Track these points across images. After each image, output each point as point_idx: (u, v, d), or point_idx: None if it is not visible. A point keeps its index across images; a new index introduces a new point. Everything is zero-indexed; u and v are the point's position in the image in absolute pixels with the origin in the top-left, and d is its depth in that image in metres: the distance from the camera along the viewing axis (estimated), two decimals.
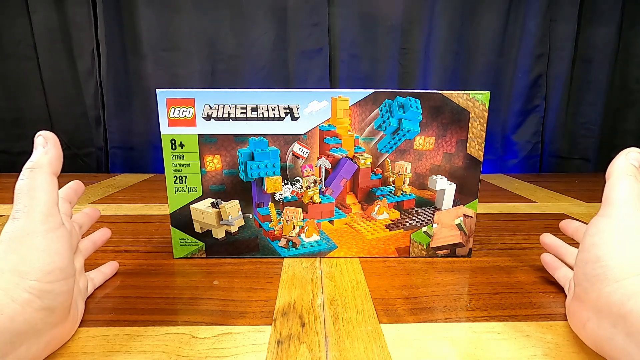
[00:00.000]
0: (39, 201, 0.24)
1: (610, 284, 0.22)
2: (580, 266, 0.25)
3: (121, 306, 0.32)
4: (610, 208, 0.25)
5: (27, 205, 0.24)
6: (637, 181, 0.26)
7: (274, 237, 0.42)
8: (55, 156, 0.26)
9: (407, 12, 0.94)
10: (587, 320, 0.24)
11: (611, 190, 0.26)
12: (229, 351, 0.26)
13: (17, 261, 0.23)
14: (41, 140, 0.26)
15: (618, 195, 0.25)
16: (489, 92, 0.39)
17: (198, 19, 0.93)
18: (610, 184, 0.26)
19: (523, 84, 0.98)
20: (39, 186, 0.24)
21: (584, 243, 0.26)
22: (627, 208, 0.24)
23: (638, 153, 0.27)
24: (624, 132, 1.02)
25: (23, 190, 0.24)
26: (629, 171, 0.26)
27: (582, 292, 0.25)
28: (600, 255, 0.24)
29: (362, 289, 0.35)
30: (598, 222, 0.25)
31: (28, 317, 0.22)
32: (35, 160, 0.25)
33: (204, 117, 0.38)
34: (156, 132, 0.42)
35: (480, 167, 0.41)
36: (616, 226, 0.24)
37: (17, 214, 0.24)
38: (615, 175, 0.26)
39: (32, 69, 0.94)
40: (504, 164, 1.04)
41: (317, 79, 0.97)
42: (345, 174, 0.41)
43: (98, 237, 0.37)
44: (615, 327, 0.22)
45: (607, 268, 0.23)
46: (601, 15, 0.95)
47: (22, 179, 0.25)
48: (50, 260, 0.23)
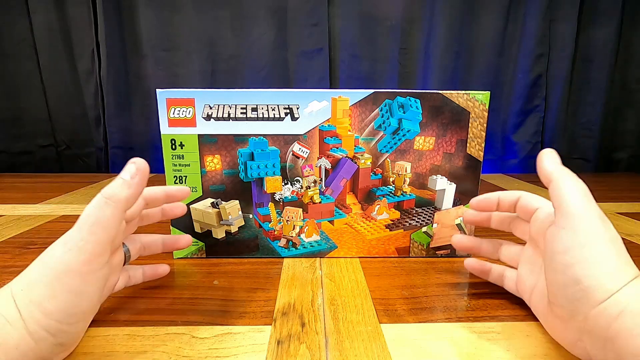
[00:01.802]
0: (96, 238, 0.23)
1: (595, 306, 0.22)
2: (557, 288, 0.24)
3: (121, 306, 0.32)
4: (571, 219, 0.24)
5: (82, 240, 0.23)
6: (578, 178, 0.25)
7: (274, 237, 0.42)
8: (137, 193, 0.25)
9: (407, 12, 0.94)
10: (577, 340, 0.24)
11: (562, 196, 0.25)
12: (229, 351, 0.26)
13: (46, 296, 0.22)
14: (131, 169, 0.25)
15: (573, 203, 0.24)
16: (489, 92, 0.39)
17: (198, 19, 0.93)
18: (557, 188, 0.25)
19: (523, 84, 0.98)
20: (103, 222, 0.23)
21: (554, 262, 0.24)
22: (587, 218, 0.24)
23: (551, 152, 0.28)
24: (624, 132, 1.02)
25: (87, 222, 0.23)
26: (566, 170, 0.26)
27: (564, 314, 0.24)
28: (579, 277, 0.23)
29: (362, 289, 0.35)
30: (562, 237, 0.24)
31: (39, 353, 0.22)
32: (114, 191, 0.24)
33: (204, 117, 0.38)
34: (156, 132, 0.42)
35: (480, 167, 0.41)
36: (585, 241, 0.23)
37: (71, 244, 0.23)
38: (556, 177, 0.26)
39: (32, 69, 0.94)
40: (504, 164, 1.04)
41: (317, 79, 0.97)
42: (345, 174, 0.41)
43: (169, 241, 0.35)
44: (605, 349, 0.22)
45: (589, 290, 0.22)
46: (601, 15, 0.95)
47: (93, 207, 0.24)
48: (77, 303, 0.23)
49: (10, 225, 0.54)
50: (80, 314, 0.24)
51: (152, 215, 0.34)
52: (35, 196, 0.71)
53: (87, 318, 0.25)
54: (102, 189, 0.25)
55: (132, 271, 0.33)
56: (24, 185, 0.82)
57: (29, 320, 0.21)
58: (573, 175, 0.26)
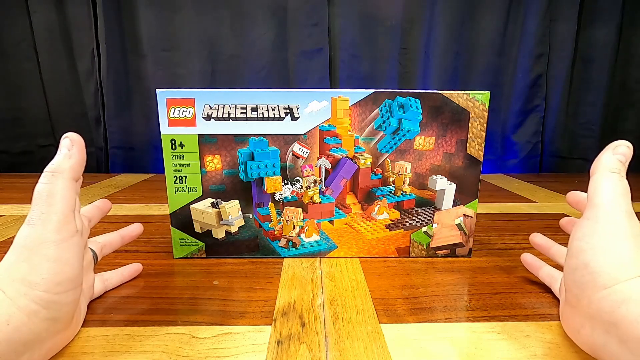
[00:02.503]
0: (56, 209, 0.24)
1: (599, 291, 0.22)
2: (569, 272, 0.25)
3: (121, 306, 0.32)
4: (596, 210, 0.24)
5: (44, 213, 0.23)
6: (622, 178, 0.25)
7: (274, 237, 0.42)
8: (79, 161, 0.26)
9: (407, 12, 0.94)
10: (580, 326, 0.24)
11: (595, 190, 0.25)
12: (229, 351, 0.26)
13: (27, 270, 0.22)
14: (67, 142, 0.26)
15: (602, 196, 0.24)
16: (489, 92, 0.39)
17: (198, 19, 0.93)
18: (594, 182, 0.25)
19: (523, 84, 0.98)
20: (58, 192, 0.24)
21: (571, 248, 0.25)
22: (612, 210, 0.24)
23: (627, 147, 0.26)
24: (624, 132, 1.02)
25: (42, 196, 0.24)
26: (614, 168, 0.25)
27: (573, 298, 0.25)
28: (588, 261, 0.23)
29: (362, 289, 0.35)
30: (583, 226, 0.25)
31: (33, 327, 0.22)
32: (57, 164, 0.25)
33: (204, 117, 0.38)
34: (156, 132, 0.42)
35: (480, 167, 0.41)
36: (602, 230, 0.24)
37: (33, 219, 0.23)
38: (599, 172, 0.26)
39: (32, 69, 0.94)
40: (504, 164, 1.04)
41: (317, 79, 0.97)
42: (345, 174, 0.41)
43: (127, 233, 0.36)
44: (608, 333, 0.22)
45: (596, 275, 0.23)
46: (601, 15, 0.95)
47: (42, 183, 0.24)
48: (60, 270, 0.23)
49: (10, 225, 0.54)
50: (66, 282, 0.24)
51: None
52: None
53: (75, 288, 0.24)
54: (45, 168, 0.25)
55: (107, 275, 0.35)
56: (24, 185, 0.82)
57: (15, 296, 0.22)
58: (616, 174, 0.25)
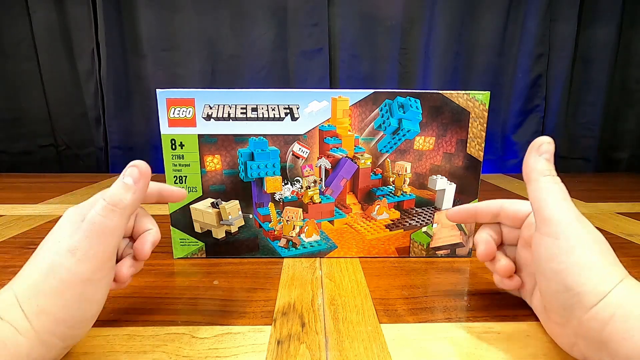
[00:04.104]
0: (105, 247, 0.23)
1: (587, 311, 0.22)
2: (551, 295, 0.25)
3: (121, 306, 0.32)
4: (552, 226, 0.24)
5: (92, 249, 0.22)
6: (556, 179, 0.25)
7: (274, 237, 0.42)
8: (141, 197, 0.24)
9: (407, 12, 0.94)
10: (573, 344, 0.24)
11: (539, 201, 0.25)
12: (229, 351, 0.26)
13: (59, 306, 0.22)
14: (134, 173, 0.24)
15: (550, 208, 0.24)
16: (489, 92, 0.39)
17: (198, 19, 0.93)
18: (534, 192, 0.25)
19: (523, 84, 0.98)
20: (112, 231, 0.23)
21: (543, 269, 0.25)
22: (567, 222, 0.24)
23: (549, 144, 0.26)
24: (624, 132, 1.02)
25: (95, 230, 0.22)
26: (545, 170, 0.25)
27: (560, 319, 0.25)
28: (569, 283, 0.23)
29: (362, 289, 0.35)
30: (547, 244, 0.24)
31: (49, 357, 0.22)
32: (119, 197, 0.23)
33: (204, 117, 0.38)
34: (156, 132, 0.42)
35: (480, 167, 0.41)
36: (568, 247, 0.23)
37: (80, 254, 0.22)
38: (533, 180, 0.25)
39: (32, 69, 0.94)
40: (504, 164, 1.04)
41: (317, 79, 0.97)
42: (345, 174, 0.41)
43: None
44: (600, 351, 0.22)
45: (581, 296, 0.22)
46: (601, 15, 0.95)
47: (99, 215, 0.23)
48: (89, 308, 0.23)
49: (10, 225, 0.54)
50: (91, 319, 0.24)
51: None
52: (35, 196, 0.71)
53: (94, 321, 0.25)
54: (103, 191, 0.24)
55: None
56: (24, 185, 0.82)
57: (40, 330, 0.21)
58: (549, 177, 0.25)
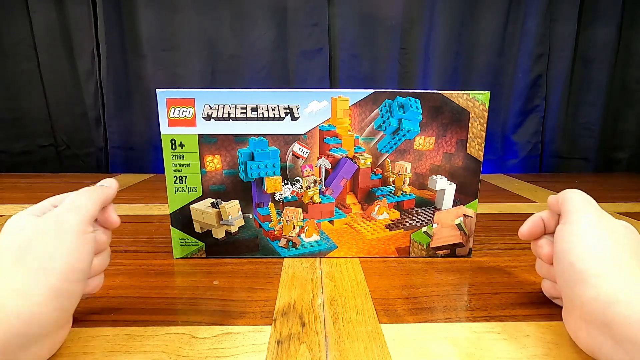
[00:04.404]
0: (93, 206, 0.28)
1: (589, 288, 0.23)
2: (559, 276, 0.27)
3: (121, 306, 0.32)
4: (570, 216, 0.28)
5: (74, 202, 0.27)
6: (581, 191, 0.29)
7: (274, 237, 0.42)
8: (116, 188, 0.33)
9: (407, 12, 0.94)
10: (578, 329, 0.25)
11: (565, 200, 0.29)
12: (229, 351, 0.26)
13: (46, 258, 0.23)
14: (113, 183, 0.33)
15: (572, 204, 0.28)
16: (489, 92, 0.39)
17: (198, 19, 0.93)
18: (562, 195, 0.30)
19: (523, 84, 0.98)
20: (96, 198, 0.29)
21: (556, 253, 0.27)
22: (583, 212, 0.27)
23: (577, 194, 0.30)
24: (624, 132, 1.02)
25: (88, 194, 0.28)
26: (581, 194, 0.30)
27: (568, 302, 0.26)
28: (573, 260, 0.25)
29: (362, 289, 0.35)
30: (563, 231, 0.27)
31: (42, 319, 0.22)
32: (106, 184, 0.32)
33: (204, 117, 0.38)
34: (156, 132, 0.42)
35: (480, 167, 0.41)
36: (578, 230, 0.26)
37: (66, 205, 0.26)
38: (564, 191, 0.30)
39: (32, 69, 0.94)
40: (504, 164, 1.04)
41: (317, 79, 0.97)
42: (345, 174, 0.41)
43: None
44: (602, 334, 0.22)
45: (583, 272, 0.24)
46: (601, 15, 0.95)
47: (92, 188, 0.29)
48: (74, 259, 0.24)
49: None
50: (79, 271, 0.24)
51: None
52: (35, 196, 0.70)
53: (83, 280, 0.25)
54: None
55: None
56: (24, 185, 0.82)
57: (30, 285, 0.22)
58: (578, 190, 0.29)
